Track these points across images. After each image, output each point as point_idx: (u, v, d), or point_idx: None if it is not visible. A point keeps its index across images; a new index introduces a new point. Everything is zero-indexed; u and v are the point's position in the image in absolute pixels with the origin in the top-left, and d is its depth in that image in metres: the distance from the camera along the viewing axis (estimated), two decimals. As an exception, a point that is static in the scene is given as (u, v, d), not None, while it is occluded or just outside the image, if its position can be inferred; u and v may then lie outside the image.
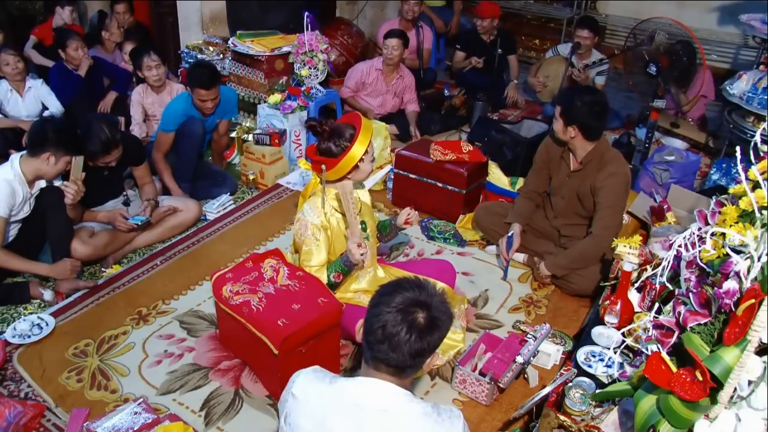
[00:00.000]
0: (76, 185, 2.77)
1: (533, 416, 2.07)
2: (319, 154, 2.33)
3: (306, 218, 2.35)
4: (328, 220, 2.37)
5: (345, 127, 2.30)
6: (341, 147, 2.26)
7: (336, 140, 2.27)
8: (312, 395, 1.41)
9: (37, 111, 4.07)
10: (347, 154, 2.24)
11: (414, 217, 2.60)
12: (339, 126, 2.32)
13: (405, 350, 1.35)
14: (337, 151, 2.26)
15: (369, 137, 2.29)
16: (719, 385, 1.35)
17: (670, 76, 3.78)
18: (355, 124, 2.30)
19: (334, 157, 2.27)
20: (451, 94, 5.15)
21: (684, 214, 3.12)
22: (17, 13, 5.52)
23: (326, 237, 2.37)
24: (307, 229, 2.34)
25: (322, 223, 2.35)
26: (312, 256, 2.37)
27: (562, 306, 2.86)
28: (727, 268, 1.44)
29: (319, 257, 2.37)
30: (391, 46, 4.31)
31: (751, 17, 4.14)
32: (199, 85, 3.40)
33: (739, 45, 5.48)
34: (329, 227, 2.38)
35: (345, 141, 2.26)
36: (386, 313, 1.36)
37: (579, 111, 2.65)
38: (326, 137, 2.28)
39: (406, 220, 2.59)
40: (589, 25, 4.74)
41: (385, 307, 1.37)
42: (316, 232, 2.34)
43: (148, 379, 2.37)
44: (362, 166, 2.32)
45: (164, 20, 5.74)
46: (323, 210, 2.36)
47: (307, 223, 2.34)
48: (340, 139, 2.26)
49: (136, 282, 2.95)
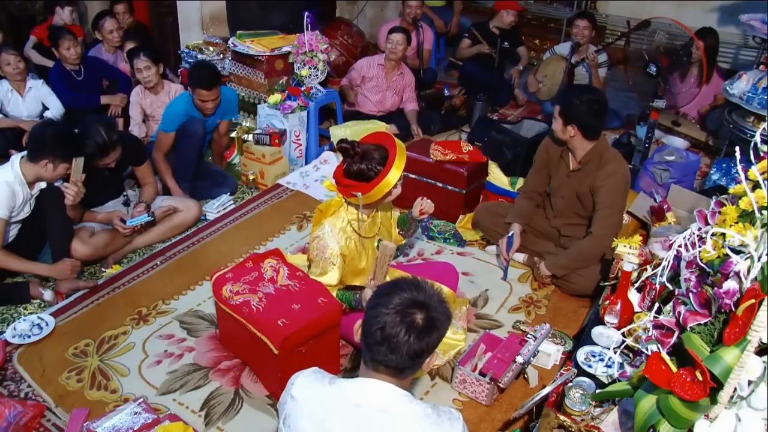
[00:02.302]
0: (76, 186, 2.77)
1: (533, 416, 2.07)
2: (347, 176, 2.22)
3: (326, 240, 2.27)
4: (347, 245, 2.31)
5: (377, 148, 2.19)
6: (375, 171, 2.16)
7: (369, 163, 2.16)
8: (311, 396, 1.41)
9: (38, 111, 4.07)
10: (383, 179, 2.14)
11: (427, 206, 2.48)
12: (371, 148, 2.20)
13: (404, 351, 1.34)
14: (371, 175, 2.16)
15: (404, 160, 2.18)
16: (719, 385, 1.35)
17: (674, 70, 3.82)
18: (387, 146, 2.20)
19: (367, 181, 2.17)
20: (451, 94, 5.15)
21: (684, 214, 3.12)
22: (17, 13, 5.52)
23: (342, 262, 2.32)
24: (324, 252, 2.28)
25: (341, 249, 2.29)
26: (325, 277, 2.31)
27: (562, 306, 2.86)
28: (727, 268, 1.44)
29: (332, 279, 2.31)
30: (396, 41, 4.32)
31: (751, 17, 4.14)
32: (199, 86, 3.40)
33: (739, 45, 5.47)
34: (347, 252, 2.32)
35: (378, 165, 2.16)
36: (384, 314, 1.35)
37: (578, 110, 2.65)
38: (358, 160, 2.18)
39: (421, 211, 2.49)
40: (588, 16, 4.86)
41: (383, 309, 1.36)
42: (334, 258, 2.28)
43: (148, 379, 2.37)
44: (395, 191, 2.23)
45: (164, 20, 5.74)
46: (344, 235, 2.29)
47: (326, 246, 2.27)
48: (373, 162, 2.16)
49: (136, 282, 2.95)
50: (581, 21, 4.79)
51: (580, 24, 4.77)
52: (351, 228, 2.32)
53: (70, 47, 4.09)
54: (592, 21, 4.82)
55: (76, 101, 4.15)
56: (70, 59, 4.13)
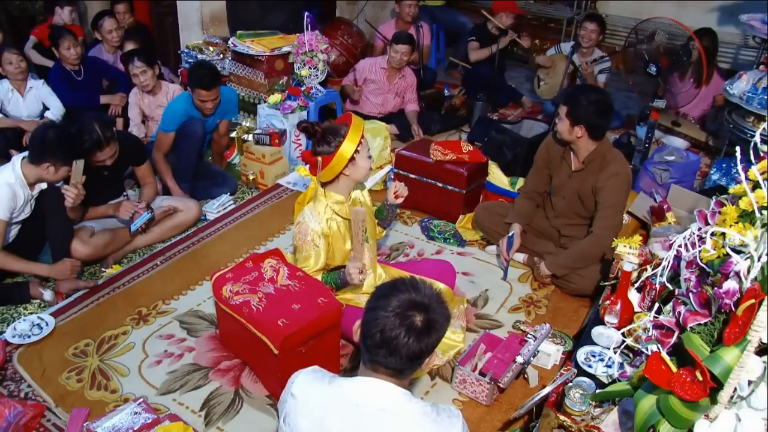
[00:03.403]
0: (76, 188, 2.77)
1: (533, 416, 2.07)
2: (314, 155, 2.33)
3: (306, 223, 2.34)
4: (329, 226, 2.36)
5: (338, 126, 2.31)
6: (334, 145, 2.26)
7: (329, 139, 2.27)
8: (311, 395, 1.41)
9: (38, 111, 4.07)
10: (338, 150, 2.24)
11: (401, 189, 2.53)
12: (331, 125, 2.33)
13: (403, 353, 1.34)
14: (331, 149, 2.26)
15: (359, 132, 2.28)
16: (719, 385, 1.35)
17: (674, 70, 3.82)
18: (346, 123, 2.30)
19: (328, 154, 2.27)
20: (451, 94, 5.15)
21: (684, 214, 3.12)
22: (17, 13, 5.52)
23: (326, 243, 2.37)
24: (306, 234, 2.34)
25: (323, 230, 2.34)
26: (310, 260, 2.37)
27: (562, 306, 2.86)
28: (727, 268, 1.44)
29: (318, 263, 2.38)
30: (401, 53, 4.31)
31: (751, 17, 4.13)
32: (199, 86, 3.40)
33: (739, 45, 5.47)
34: (330, 233, 2.37)
35: (339, 137, 2.26)
36: (384, 317, 1.35)
37: (586, 110, 2.63)
38: (320, 138, 2.29)
39: (395, 194, 2.52)
40: (597, 19, 4.81)
41: (382, 312, 1.36)
42: (317, 238, 2.34)
43: (148, 379, 2.37)
44: (359, 161, 2.31)
45: (164, 20, 5.74)
46: (324, 216, 2.35)
47: (307, 229, 2.34)
48: (335, 137, 2.27)
49: (136, 282, 2.95)
50: (590, 24, 4.72)
51: (588, 27, 4.71)
52: (332, 210, 2.37)
53: (70, 47, 4.10)
54: (601, 24, 4.77)
55: (76, 101, 4.15)
56: (70, 59, 4.13)
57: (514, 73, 5.93)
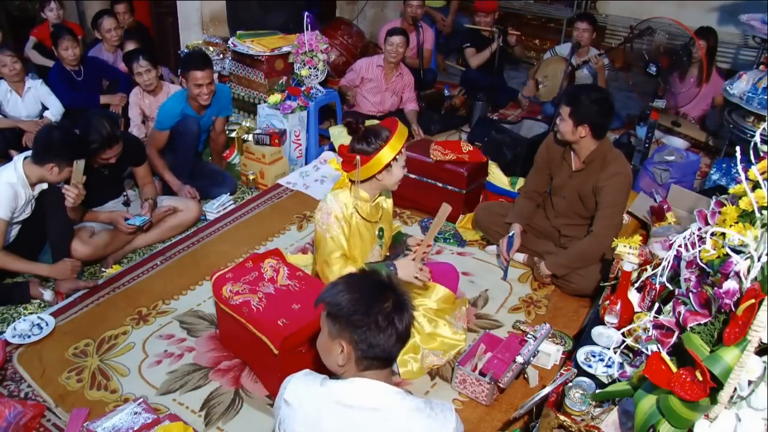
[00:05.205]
0: (76, 189, 2.77)
1: (533, 416, 2.07)
2: (351, 151, 2.31)
3: (329, 206, 2.33)
4: (351, 217, 2.35)
5: (381, 129, 2.30)
6: (375, 147, 2.25)
7: (370, 139, 2.26)
8: (304, 400, 1.41)
9: (37, 111, 4.07)
10: (378, 153, 2.23)
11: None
12: (375, 127, 2.32)
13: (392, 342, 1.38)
14: (371, 150, 2.25)
15: (402, 141, 2.27)
16: (719, 385, 1.35)
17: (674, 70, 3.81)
18: (389, 127, 2.30)
19: (366, 155, 2.26)
20: (451, 94, 5.15)
21: (684, 214, 3.12)
22: (17, 13, 5.52)
23: (346, 228, 2.34)
24: (330, 216, 2.31)
25: (344, 215, 2.33)
26: (336, 242, 2.31)
27: (562, 306, 2.86)
28: (727, 268, 1.44)
29: (343, 245, 2.33)
30: (396, 44, 4.31)
31: (751, 17, 4.14)
32: (193, 67, 3.39)
33: (739, 45, 5.47)
34: (350, 224, 2.36)
35: (380, 141, 2.25)
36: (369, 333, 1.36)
37: (589, 110, 2.63)
38: (361, 136, 2.28)
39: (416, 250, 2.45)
40: (588, 18, 4.83)
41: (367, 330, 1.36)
42: (340, 219, 2.32)
43: (148, 379, 2.37)
44: (394, 170, 2.30)
45: (164, 20, 5.75)
46: (347, 209, 2.34)
47: (330, 210, 2.32)
48: (376, 138, 2.26)
49: (136, 282, 2.95)
50: (581, 23, 4.76)
51: (580, 26, 4.74)
52: (355, 207, 2.36)
53: (69, 48, 4.09)
54: (593, 23, 4.80)
55: (76, 101, 4.15)
56: (69, 60, 4.13)
57: (515, 73, 5.93)
